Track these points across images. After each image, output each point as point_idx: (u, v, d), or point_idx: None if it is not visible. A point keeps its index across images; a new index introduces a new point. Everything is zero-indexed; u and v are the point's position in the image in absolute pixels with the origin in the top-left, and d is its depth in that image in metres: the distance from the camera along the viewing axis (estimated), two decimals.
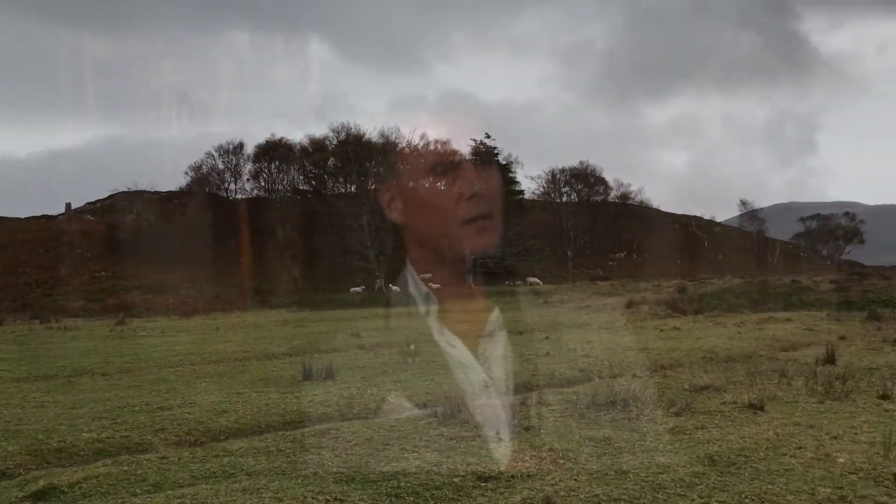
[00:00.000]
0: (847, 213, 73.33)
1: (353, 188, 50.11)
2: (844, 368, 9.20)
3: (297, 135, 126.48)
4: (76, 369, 12.00)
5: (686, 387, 8.05)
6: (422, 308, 2.32)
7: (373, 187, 49.72)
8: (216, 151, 57.44)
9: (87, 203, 58.65)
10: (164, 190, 58.49)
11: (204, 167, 57.17)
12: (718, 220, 76.95)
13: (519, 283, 46.09)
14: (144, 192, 56.19)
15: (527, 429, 6.30)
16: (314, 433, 6.43)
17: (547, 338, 15.79)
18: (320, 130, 75.07)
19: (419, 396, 8.70)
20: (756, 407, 6.72)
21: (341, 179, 51.26)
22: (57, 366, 12.45)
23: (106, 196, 57.59)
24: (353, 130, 50.45)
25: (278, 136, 58.63)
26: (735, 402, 7.05)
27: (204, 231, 47.51)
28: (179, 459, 5.74)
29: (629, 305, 25.28)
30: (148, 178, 55.04)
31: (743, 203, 70.04)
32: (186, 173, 59.22)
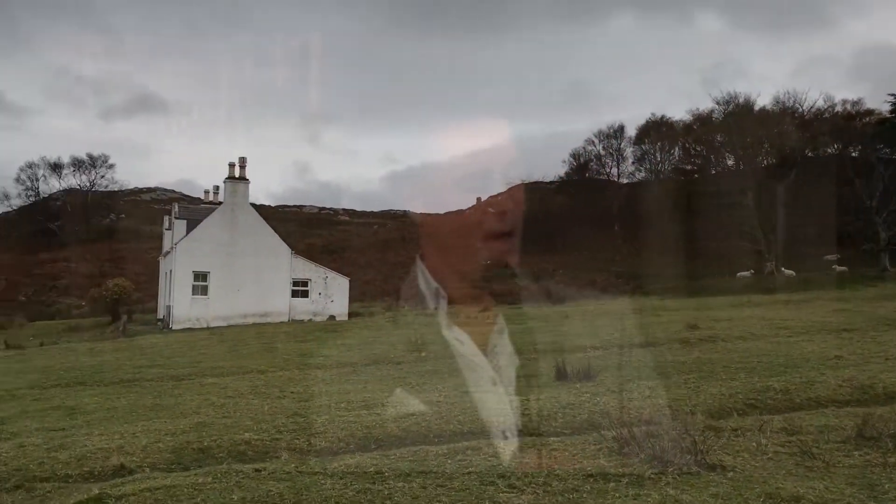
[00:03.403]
0: None
1: (739, 164, 45.51)
2: None
3: (678, 112, 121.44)
4: None
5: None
6: None
7: (763, 161, 44.90)
8: (596, 137, 57.54)
9: (490, 196, 62.95)
10: (549, 179, 60.10)
11: (583, 154, 57.68)
12: None
13: None
14: (538, 182, 58.48)
15: None
16: None
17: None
18: (705, 105, 70.53)
19: None
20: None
21: (727, 154, 46.95)
22: None
23: (504, 189, 61.25)
24: (740, 101, 45.73)
25: (659, 115, 56.38)
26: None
27: (582, 217, 47.70)
28: None
29: None
30: (540, 168, 56.63)
31: None
32: (565, 161, 60.43)
